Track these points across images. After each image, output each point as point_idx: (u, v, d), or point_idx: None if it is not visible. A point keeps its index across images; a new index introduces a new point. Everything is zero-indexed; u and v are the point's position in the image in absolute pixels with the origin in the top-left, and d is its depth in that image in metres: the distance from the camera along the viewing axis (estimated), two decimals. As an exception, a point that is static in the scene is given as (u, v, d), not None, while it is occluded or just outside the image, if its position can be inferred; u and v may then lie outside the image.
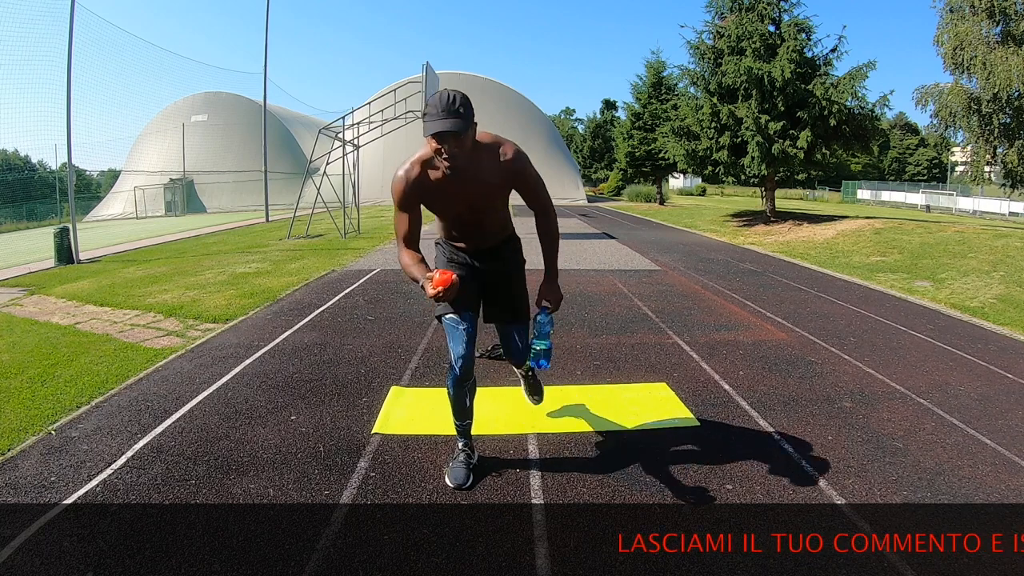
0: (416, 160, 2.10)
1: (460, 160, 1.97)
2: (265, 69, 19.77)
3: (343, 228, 12.52)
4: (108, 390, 3.28)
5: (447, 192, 2.10)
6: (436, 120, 1.90)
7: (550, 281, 2.26)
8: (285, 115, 35.85)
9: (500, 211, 2.26)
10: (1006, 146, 14.00)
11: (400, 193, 2.11)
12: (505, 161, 2.09)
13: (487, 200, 2.15)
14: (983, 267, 7.65)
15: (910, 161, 53.98)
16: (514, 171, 2.11)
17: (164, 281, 6.92)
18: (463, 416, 2.35)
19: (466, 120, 1.92)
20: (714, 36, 15.07)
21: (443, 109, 1.89)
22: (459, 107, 1.90)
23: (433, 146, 1.95)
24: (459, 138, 1.92)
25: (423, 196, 2.12)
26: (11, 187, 25.58)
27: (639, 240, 12.27)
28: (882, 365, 3.86)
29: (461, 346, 2.17)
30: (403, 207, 2.13)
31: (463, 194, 2.10)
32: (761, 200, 17.61)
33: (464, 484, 2.26)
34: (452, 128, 1.89)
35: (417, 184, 2.09)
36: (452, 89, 1.96)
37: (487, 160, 2.07)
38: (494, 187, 2.12)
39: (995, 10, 13.31)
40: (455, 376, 2.22)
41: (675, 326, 4.81)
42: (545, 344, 2.23)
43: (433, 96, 1.94)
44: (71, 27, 9.03)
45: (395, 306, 5.49)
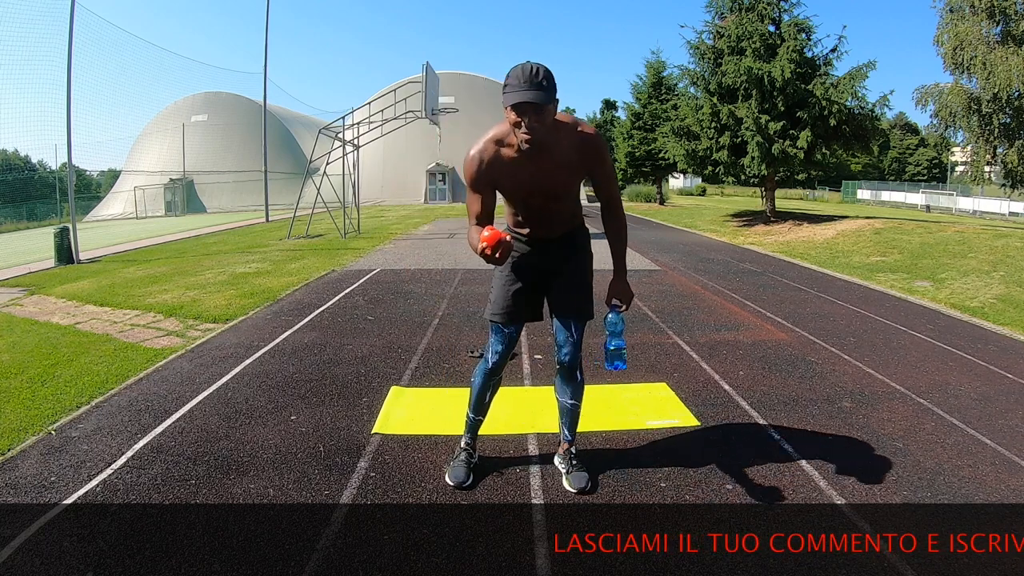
0: (489, 139, 2.02)
1: (539, 135, 1.87)
2: (265, 69, 19.80)
3: (343, 228, 12.52)
4: (108, 390, 3.28)
5: (520, 172, 2.00)
6: (517, 91, 1.81)
7: (620, 278, 2.20)
8: (285, 115, 35.88)
9: (572, 199, 2.15)
10: (1006, 146, 14.00)
11: (473, 173, 2.02)
12: (585, 142, 2.01)
13: (560, 183, 2.05)
14: (983, 267, 7.65)
15: (910, 161, 53.98)
16: (593, 154, 2.03)
17: (164, 281, 6.92)
18: (479, 411, 2.33)
19: (548, 93, 1.83)
20: (714, 36, 15.07)
21: (525, 80, 1.81)
22: (542, 79, 1.82)
23: (512, 119, 1.86)
24: (540, 111, 1.84)
25: (495, 176, 2.03)
26: (11, 187, 25.60)
27: (639, 240, 12.26)
28: (882, 365, 3.86)
29: (501, 345, 2.20)
30: (475, 187, 2.04)
31: (537, 174, 2.00)
32: (761, 200, 17.61)
33: (464, 483, 2.26)
34: (534, 99, 1.80)
35: (490, 164, 2.00)
36: (535, 62, 1.85)
37: (565, 140, 1.99)
38: (569, 169, 2.03)
39: (995, 10, 13.31)
40: (486, 368, 2.24)
41: (675, 326, 4.81)
42: (618, 343, 2.17)
43: (514, 68, 1.85)
44: (71, 27, 9.05)
45: (395, 306, 5.49)
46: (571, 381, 2.22)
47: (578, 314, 2.17)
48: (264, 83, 19.90)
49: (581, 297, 2.18)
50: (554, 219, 2.14)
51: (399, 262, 8.52)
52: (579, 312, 2.17)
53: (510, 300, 2.17)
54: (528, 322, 2.25)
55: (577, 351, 2.18)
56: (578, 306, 2.17)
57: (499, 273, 2.21)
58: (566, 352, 2.17)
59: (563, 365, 2.20)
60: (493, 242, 1.78)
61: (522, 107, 1.83)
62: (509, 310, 2.17)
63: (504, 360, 2.23)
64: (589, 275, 2.23)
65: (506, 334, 2.19)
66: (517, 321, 2.19)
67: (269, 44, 23.95)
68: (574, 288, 2.18)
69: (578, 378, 2.22)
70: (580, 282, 2.20)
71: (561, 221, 2.17)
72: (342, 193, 13.69)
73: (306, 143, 29.50)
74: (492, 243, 1.78)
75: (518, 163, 2.00)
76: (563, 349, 2.18)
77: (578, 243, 2.23)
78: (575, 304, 2.17)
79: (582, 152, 2.02)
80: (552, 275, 2.20)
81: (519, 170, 2.01)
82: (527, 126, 1.85)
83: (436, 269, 7.80)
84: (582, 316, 2.18)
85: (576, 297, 2.17)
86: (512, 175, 2.02)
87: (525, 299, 2.18)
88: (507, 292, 2.17)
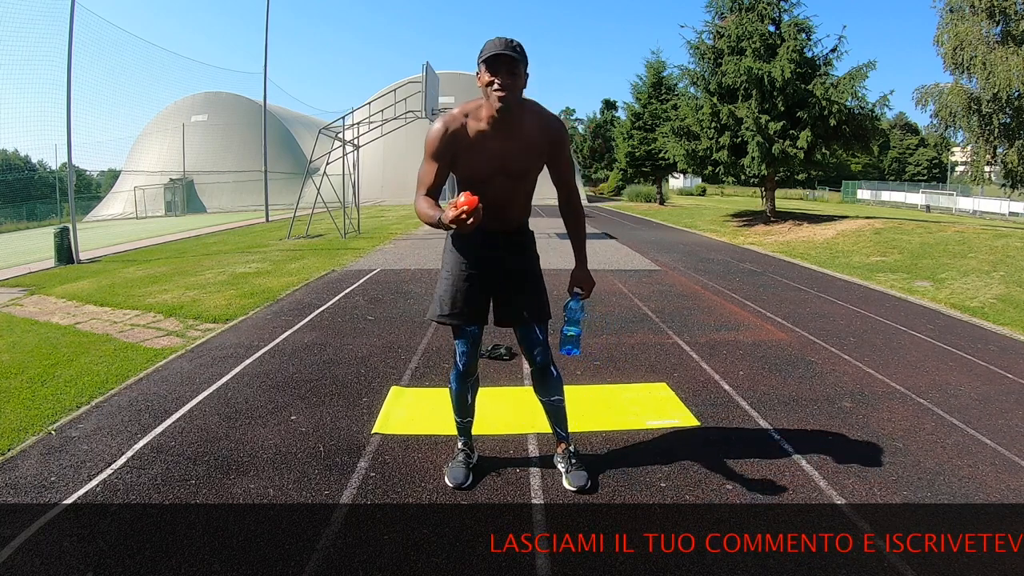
0: (459, 112, 2.03)
1: (512, 95, 1.88)
2: (265, 69, 19.80)
3: (343, 228, 12.52)
4: (108, 390, 3.28)
5: (485, 148, 2.00)
6: (493, 50, 1.86)
7: (582, 266, 2.23)
8: (285, 115, 35.88)
9: (529, 186, 2.15)
10: (1006, 146, 14.00)
11: (436, 142, 2.00)
12: (550, 125, 2.05)
13: (523, 164, 2.05)
14: (983, 267, 7.65)
15: (910, 161, 53.99)
16: (556, 136, 2.07)
17: (164, 281, 6.92)
18: (463, 413, 2.35)
19: (522, 56, 1.88)
20: (714, 36, 15.07)
21: (501, 44, 1.87)
22: (516, 45, 1.88)
23: (486, 79, 1.88)
24: (514, 71, 1.87)
25: (459, 149, 2.01)
26: (11, 187, 25.60)
27: (639, 240, 12.26)
28: (882, 365, 3.86)
29: (466, 346, 2.20)
30: (435, 157, 2.02)
31: (502, 152, 2.00)
32: (761, 200, 17.61)
33: (463, 484, 2.26)
34: (509, 54, 1.85)
35: (455, 134, 2.00)
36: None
37: (530, 120, 2.02)
38: (533, 149, 2.04)
39: (995, 10, 13.31)
40: (458, 371, 2.24)
41: (675, 326, 4.81)
42: (576, 331, 2.19)
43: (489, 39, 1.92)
44: (71, 27, 9.04)
45: (395, 306, 5.49)
46: (547, 378, 2.26)
47: (541, 317, 2.20)
48: (264, 83, 19.93)
49: (540, 300, 2.21)
50: (510, 208, 2.12)
51: (399, 262, 8.53)
52: (542, 315, 2.20)
53: (466, 300, 2.14)
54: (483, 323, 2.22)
55: (548, 350, 2.23)
56: (540, 309, 2.20)
57: (448, 272, 2.18)
58: (538, 353, 2.21)
59: (537, 366, 2.24)
60: (473, 205, 1.72)
61: (497, 61, 1.86)
62: (467, 310, 2.14)
63: (473, 360, 2.22)
64: (541, 275, 2.26)
65: (469, 333, 2.18)
66: (477, 320, 2.18)
67: (269, 44, 23.96)
68: (532, 292, 2.20)
69: (553, 374, 2.26)
70: (536, 285, 2.22)
71: (516, 211, 2.15)
72: (342, 193, 13.69)
73: (306, 143, 29.50)
74: (472, 206, 1.72)
75: (484, 138, 2.00)
76: (534, 351, 2.21)
77: (527, 244, 2.24)
78: (537, 308, 2.19)
79: (547, 134, 2.05)
80: (507, 275, 2.18)
81: (484, 145, 2.00)
82: (500, 83, 1.86)
83: (436, 269, 7.75)
84: (544, 318, 2.21)
85: (536, 301, 2.20)
86: (475, 150, 2.01)
87: (476, 296, 2.16)
88: (460, 292, 2.14)
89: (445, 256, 2.22)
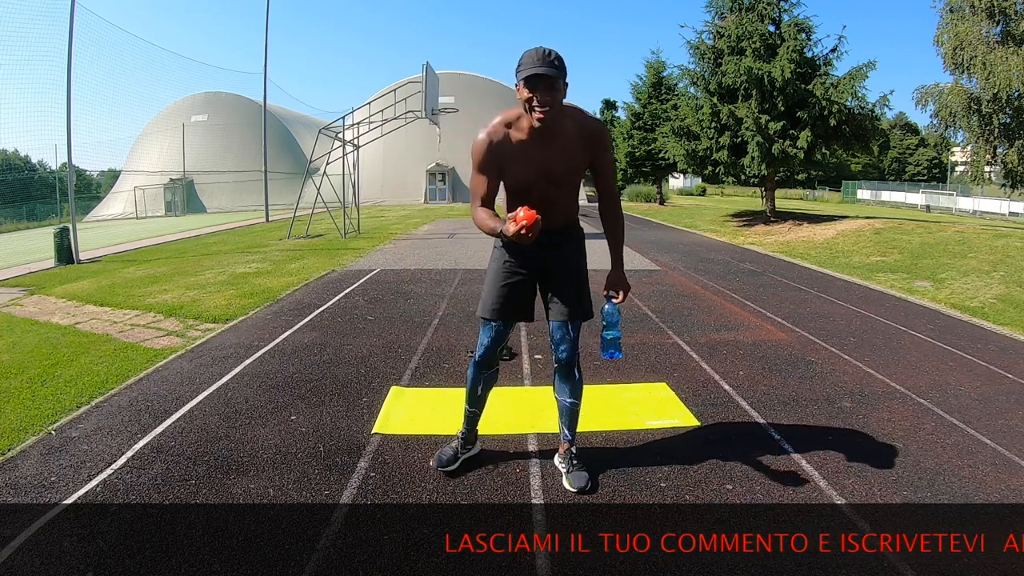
0: (499, 121, 2.07)
1: (552, 111, 1.92)
2: (265, 69, 19.80)
3: (343, 228, 12.52)
4: (108, 390, 3.28)
5: (527, 156, 2.04)
6: (530, 68, 1.87)
7: (617, 270, 2.24)
8: (285, 115, 35.88)
9: (573, 189, 2.18)
10: (1006, 146, 14.00)
11: (481, 154, 2.05)
12: (592, 130, 2.07)
13: (566, 169, 2.08)
14: (983, 267, 7.65)
15: (910, 161, 53.99)
16: (598, 142, 2.09)
17: (164, 281, 6.92)
18: (473, 403, 2.37)
19: (561, 71, 1.90)
20: (714, 36, 15.07)
21: (538, 59, 1.88)
22: (554, 59, 1.89)
23: (525, 95, 1.91)
24: (553, 87, 1.89)
25: (502, 158, 2.06)
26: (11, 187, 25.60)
27: (639, 240, 12.26)
28: (882, 365, 3.86)
29: (488, 339, 2.23)
30: (482, 169, 2.07)
31: (544, 159, 2.04)
32: (761, 200, 17.61)
33: (446, 466, 2.33)
34: (547, 72, 1.86)
35: (499, 145, 2.04)
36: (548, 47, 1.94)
37: (571, 127, 2.04)
38: (575, 155, 2.06)
39: (995, 10, 13.32)
40: (476, 361, 2.29)
41: (675, 326, 4.81)
42: (615, 334, 2.20)
43: (528, 50, 1.92)
44: (71, 27, 9.04)
45: (395, 306, 5.49)
46: (569, 379, 2.25)
47: (578, 312, 2.19)
48: (264, 83, 19.93)
49: (581, 295, 2.20)
50: (555, 210, 2.13)
51: (399, 262, 8.53)
52: (579, 310, 2.19)
53: (502, 296, 2.19)
54: (520, 322, 2.25)
55: (575, 349, 2.21)
56: (578, 304, 2.19)
57: (494, 268, 2.23)
58: (564, 349, 2.19)
59: (561, 363, 2.23)
60: (531, 221, 1.77)
61: (535, 80, 1.87)
62: (499, 305, 2.19)
63: (491, 354, 2.26)
64: (585, 274, 2.25)
65: (494, 327, 2.22)
66: (506, 317, 2.20)
67: (269, 44, 23.95)
68: (573, 287, 2.20)
69: (576, 376, 2.25)
70: (578, 281, 2.22)
71: (561, 213, 2.17)
72: (342, 193, 13.69)
73: (306, 143, 29.51)
74: (531, 221, 1.77)
75: (526, 147, 2.03)
76: (561, 346, 2.20)
77: (575, 241, 2.25)
78: (575, 302, 2.19)
79: (588, 139, 2.07)
80: (548, 273, 2.21)
81: (526, 154, 2.04)
82: (539, 100, 1.89)
83: (436, 269, 7.80)
84: (582, 314, 2.20)
85: (576, 295, 2.19)
86: (519, 159, 2.05)
87: (518, 296, 2.20)
88: (500, 288, 2.19)
89: (493, 254, 2.27)
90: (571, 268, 2.21)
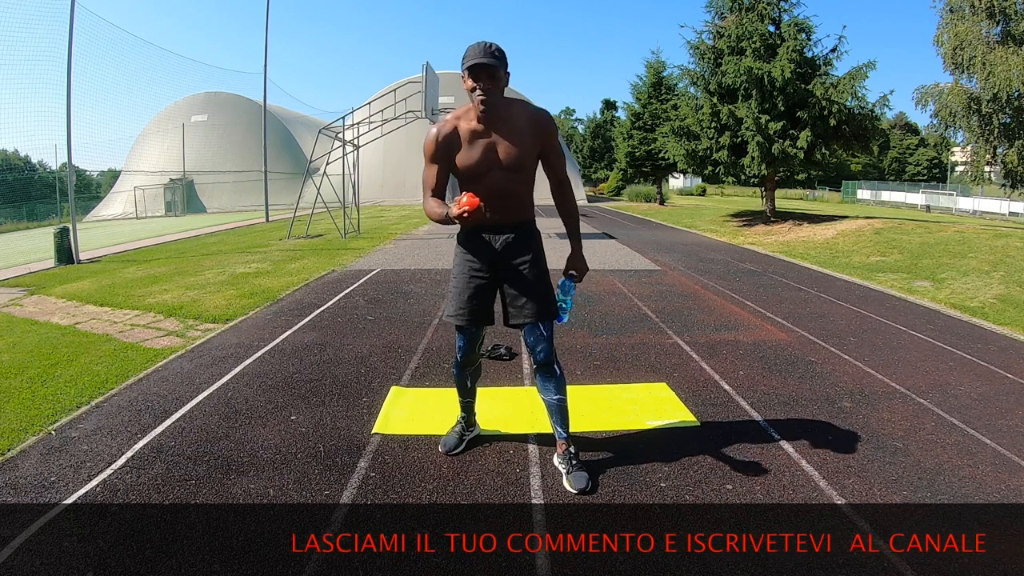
0: (450, 117, 2.22)
1: (493, 98, 2.07)
2: (265, 69, 19.77)
3: (343, 228, 12.52)
4: (108, 390, 3.28)
5: (478, 144, 2.15)
6: (474, 58, 2.04)
7: (577, 252, 2.36)
8: (285, 115, 35.86)
9: (527, 179, 2.24)
10: (1006, 146, 14.00)
11: (431, 146, 2.20)
12: (538, 117, 2.19)
13: (515, 155, 2.15)
14: (983, 267, 7.65)
15: (910, 161, 54.00)
16: (545, 127, 2.20)
17: (164, 281, 6.92)
18: (464, 394, 2.53)
19: (501, 61, 2.06)
20: (714, 36, 15.08)
21: (480, 51, 2.04)
22: (495, 51, 2.06)
23: (469, 85, 2.07)
24: (494, 75, 2.06)
25: (453, 148, 2.18)
26: (11, 187, 25.60)
27: (639, 240, 12.27)
28: (882, 365, 3.86)
29: (463, 342, 2.36)
30: (433, 160, 2.22)
31: (494, 146, 2.15)
32: (761, 200, 17.62)
33: (453, 450, 2.51)
34: (488, 61, 2.02)
35: (448, 136, 2.17)
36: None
37: (518, 114, 2.17)
38: (525, 141, 2.16)
39: (995, 10, 13.31)
40: (457, 362, 2.43)
41: (675, 326, 4.81)
42: (568, 303, 2.35)
43: (471, 45, 2.08)
44: (71, 27, 9.04)
45: (395, 306, 5.49)
46: (551, 376, 2.30)
47: (547, 312, 2.27)
48: (264, 83, 19.91)
49: (545, 299, 2.28)
50: (510, 200, 2.21)
51: (399, 262, 8.53)
52: (548, 310, 2.28)
53: (468, 301, 2.28)
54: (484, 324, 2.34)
55: (551, 347, 2.29)
56: (544, 308, 2.27)
57: (457, 273, 2.32)
58: (541, 350, 2.27)
59: (540, 363, 2.30)
60: (473, 207, 1.93)
61: (477, 70, 2.04)
62: (465, 310, 2.28)
63: (470, 355, 2.38)
64: (546, 274, 2.32)
65: (469, 331, 2.34)
66: (473, 321, 2.30)
67: (269, 44, 23.95)
68: (537, 291, 2.26)
69: (557, 372, 2.31)
70: (541, 284, 2.28)
71: (516, 204, 2.24)
72: (342, 193, 13.69)
73: (306, 143, 29.50)
74: (473, 207, 1.93)
75: (475, 134, 2.15)
76: (537, 348, 2.27)
77: (532, 242, 2.31)
78: (544, 302, 2.27)
79: (535, 126, 2.18)
80: (508, 275, 2.26)
81: (477, 142, 2.15)
82: (482, 89, 2.05)
83: (436, 269, 7.80)
84: (549, 316, 2.28)
85: (543, 296, 2.27)
86: (470, 147, 2.16)
87: (482, 299, 2.29)
88: (465, 293, 2.28)
89: (455, 258, 2.35)
90: (534, 270, 2.27)
